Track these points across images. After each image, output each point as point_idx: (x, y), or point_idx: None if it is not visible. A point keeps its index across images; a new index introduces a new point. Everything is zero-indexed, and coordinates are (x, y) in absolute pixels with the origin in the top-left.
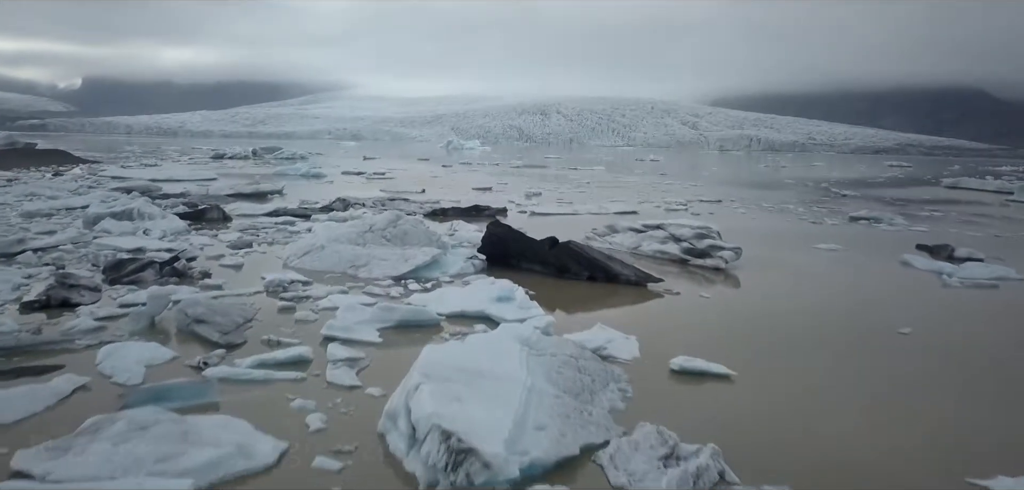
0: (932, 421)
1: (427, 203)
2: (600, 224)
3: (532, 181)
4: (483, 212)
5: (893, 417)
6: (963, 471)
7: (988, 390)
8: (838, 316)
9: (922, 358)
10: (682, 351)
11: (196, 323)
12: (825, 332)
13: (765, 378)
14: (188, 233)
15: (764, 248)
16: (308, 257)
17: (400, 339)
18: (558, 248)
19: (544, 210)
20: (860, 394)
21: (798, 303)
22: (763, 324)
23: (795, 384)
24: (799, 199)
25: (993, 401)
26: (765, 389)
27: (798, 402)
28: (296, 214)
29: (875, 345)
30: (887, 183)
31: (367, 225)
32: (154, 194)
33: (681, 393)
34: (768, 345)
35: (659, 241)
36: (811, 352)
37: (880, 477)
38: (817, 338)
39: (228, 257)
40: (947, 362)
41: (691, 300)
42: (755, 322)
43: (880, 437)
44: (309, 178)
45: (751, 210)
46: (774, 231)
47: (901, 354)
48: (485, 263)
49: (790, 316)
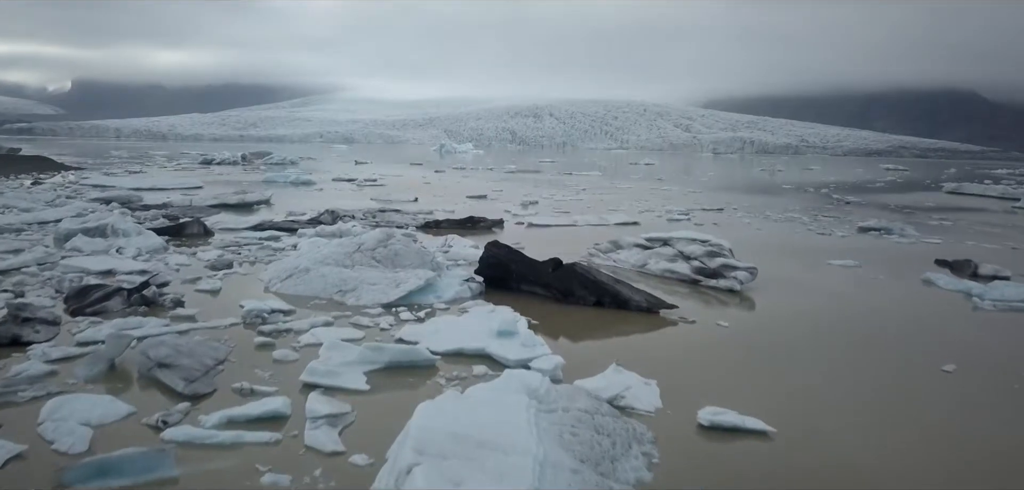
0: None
1: (420, 214)
2: (602, 237)
3: (527, 187)
4: (478, 224)
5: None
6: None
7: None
8: (872, 351)
9: (975, 404)
10: (709, 398)
11: (159, 368)
12: (861, 372)
13: (807, 434)
14: (165, 251)
15: (776, 265)
16: (291, 280)
17: (390, 384)
18: (562, 270)
19: (542, 221)
20: (918, 455)
21: (824, 333)
22: (791, 361)
23: (841, 442)
24: (802, 207)
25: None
26: (809, 448)
27: (849, 464)
28: (282, 228)
29: (920, 388)
30: (887, 188)
31: (355, 244)
32: (134, 205)
33: (714, 455)
34: (802, 389)
35: (667, 259)
36: (850, 397)
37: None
38: (853, 379)
39: (205, 279)
40: (1002, 405)
41: (709, 330)
42: (782, 358)
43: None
44: (298, 185)
45: (755, 219)
46: (784, 244)
47: (952, 400)
48: (483, 286)
49: (819, 351)
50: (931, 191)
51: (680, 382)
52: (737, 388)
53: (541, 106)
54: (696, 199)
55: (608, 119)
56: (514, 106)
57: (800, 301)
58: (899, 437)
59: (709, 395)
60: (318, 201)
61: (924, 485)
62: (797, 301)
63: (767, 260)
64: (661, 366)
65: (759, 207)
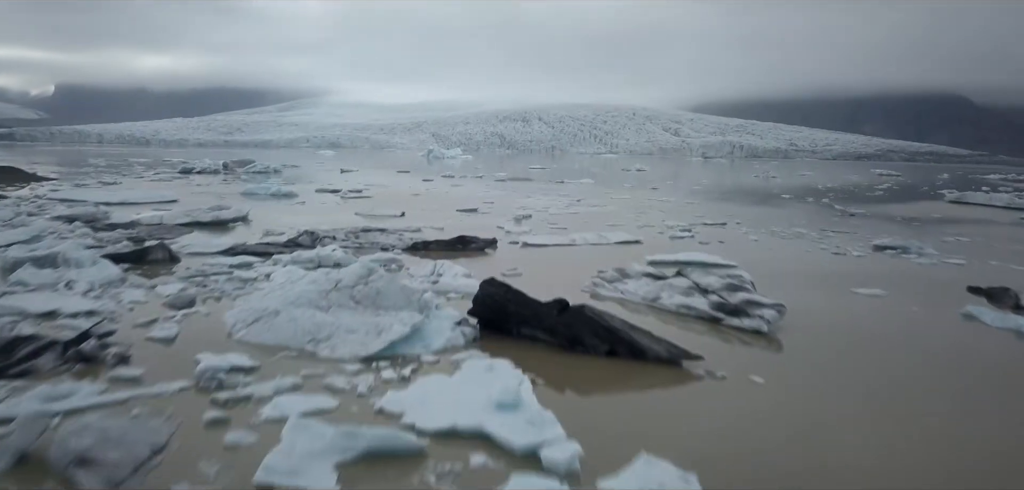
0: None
1: (407, 232)
2: (603, 258)
3: (519, 197)
4: (470, 245)
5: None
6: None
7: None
8: (933, 419)
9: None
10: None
11: (77, 465)
12: (932, 449)
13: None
14: (121, 284)
15: (798, 295)
16: (258, 326)
17: (367, 480)
18: (569, 314)
19: (538, 239)
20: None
21: (876, 392)
22: (846, 432)
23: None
24: (807, 220)
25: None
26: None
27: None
28: (256, 252)
29: (1014, 477)
30: (887, 197)
31: (332, 281)
32: (100, 224)
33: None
34: (873, 467)
35: (682, 292)
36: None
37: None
38: (926, 458)
39: (161, 322)
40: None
41: (742, 389)
42: (834, 429)
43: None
44: (279, 198)
45: (762, 236)
46: (799, 268)
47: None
48: (477, 330)
49: (876, 418)
50: (931, 200)
51: (723, 469)
52: (793, 473)
53: (530, 110)
54: (695, 211)
55: (597, 123)
56: (503, 110)
57: (836, 345)
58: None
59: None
60: (299, 217)
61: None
62: (833, 346)
63: (786, 288)
64: (696, 447)
65: (762, 220)
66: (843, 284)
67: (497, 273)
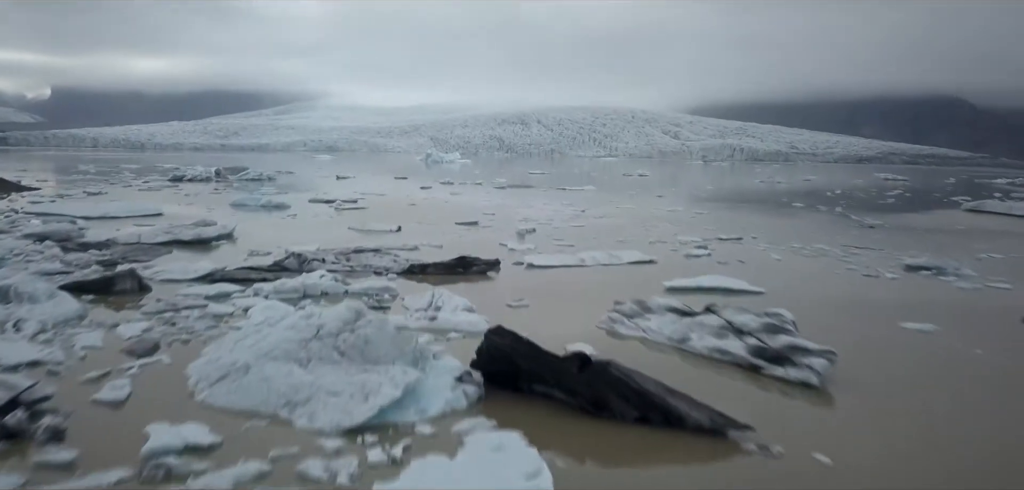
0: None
1: (402, 252)
2: (616, 282)
3: (521, 207)
4: (471, 267)
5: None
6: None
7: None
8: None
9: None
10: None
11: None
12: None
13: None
14: (78, 323)
15: (840, 330)
16: (225, 385)
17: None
18: (591, 371)
19: (543, 260)
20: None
21: (958, 474)
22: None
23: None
24: (825, 233)
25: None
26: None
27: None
28: (236, 279)
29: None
30: (900, 205)
31: (314, 326)
32: (72, 243)
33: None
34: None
35: (714, 334)
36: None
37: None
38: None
39: (114, 377)
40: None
41: (805, 470)
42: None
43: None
44: (270, 210)
45: (782, 253)
46: (831, 293)
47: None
48: (481, 387)
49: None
50: (946, 208)
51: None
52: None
53: (529, 113)
54: (706, 223)
55: (596, 126)
56: (501, 113)
57: (903, 406)
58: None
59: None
60: (289, 232)
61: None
62: (900, 407)
63: (824, 321)
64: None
65: (779, 234)
66: (886, 316)
67: (501, 303)
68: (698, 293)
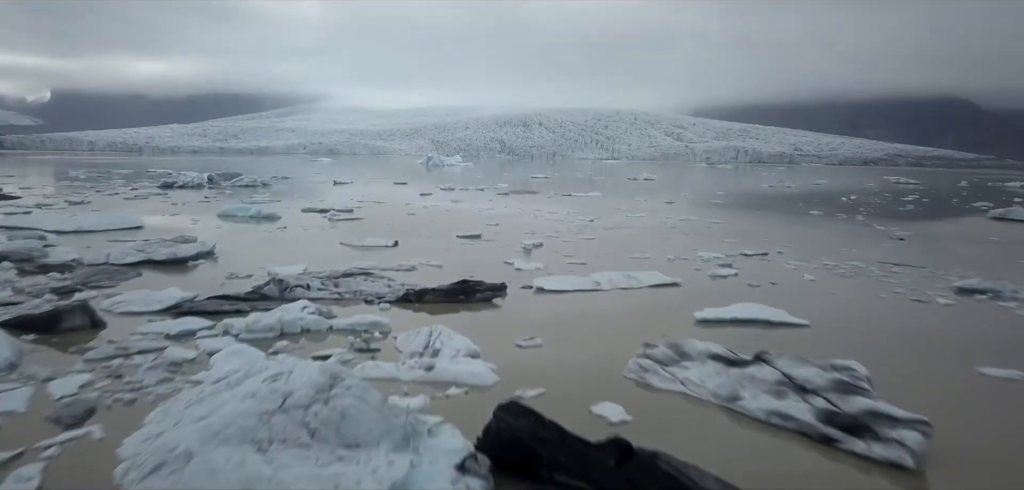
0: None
1: (398, 274)
2: (643, 316)
3: (526, 216)
4: (474, 293)
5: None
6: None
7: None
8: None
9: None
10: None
11: None
12: None
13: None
14: (8, 375)
15: (904, 373)
16: (159, 479)
17: None
18: (633, 464)
19: (554, 283)
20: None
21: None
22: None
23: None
24: (855, 246)
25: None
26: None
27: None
28: (206, 312)
29: None
30: (922, 211)
31: (279, 395)
32: (33, 264)
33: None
34: None
35: (770, 391)
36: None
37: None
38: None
39: (25, 462)
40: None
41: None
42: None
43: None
44: (260, 221)
45: (814, 271)
46: (882, 323)
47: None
48: (489, 479)
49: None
50: (970, 215)
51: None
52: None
53: (530, 115)
54: (724, 233)
55: (598, 128)
56: (503, 115)
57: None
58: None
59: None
60: (276, 248)
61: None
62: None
63: (885, 363)
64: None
65: (805, 248)
66: (958, 357)
67: (510, 341)
68: (734, 326)
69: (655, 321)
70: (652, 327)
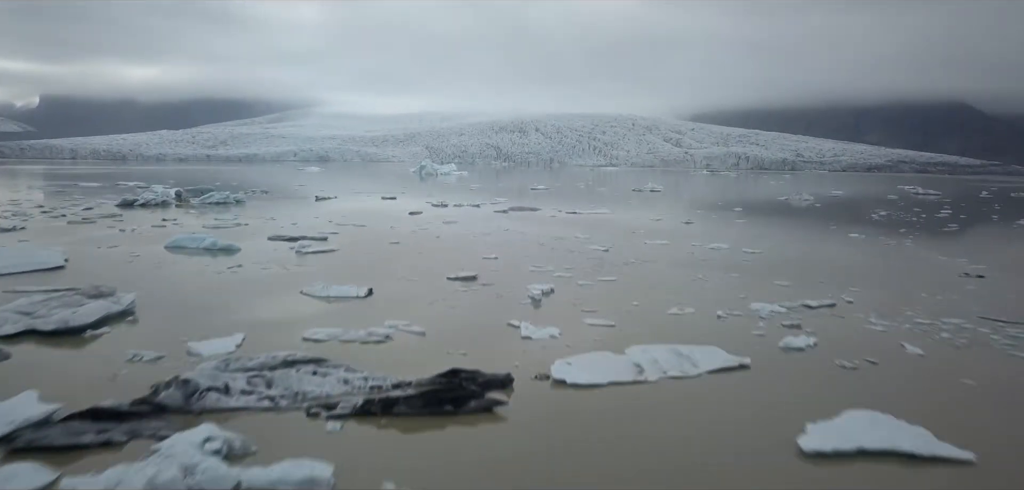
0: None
1: (365, 349)
2: (718, 438)
3: (527, 241)
4: (468, 400)
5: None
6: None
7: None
8: None
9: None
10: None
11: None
12: None
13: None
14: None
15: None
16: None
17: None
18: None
19: (579, 371)
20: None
21: None
22: None
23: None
24: (936, 289)
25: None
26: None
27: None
28: (53, 447)
29: None
30: (969, 232)
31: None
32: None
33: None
34: None
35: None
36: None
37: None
38: None
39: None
40: None
41: None
42: None
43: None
44: (215, 254)
45: (913, 336)
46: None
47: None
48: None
49: None
50: (1003, 225)
51: None
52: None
53: (527, 121)
54: (766, 267)
55: (596, 134)
56: (499, 121)
57: None
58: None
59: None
60: (214, 303)
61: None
62: None
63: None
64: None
65: (875, 290)
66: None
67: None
68: (862, 461)
69: (738, 448)
70: (739, 466)
